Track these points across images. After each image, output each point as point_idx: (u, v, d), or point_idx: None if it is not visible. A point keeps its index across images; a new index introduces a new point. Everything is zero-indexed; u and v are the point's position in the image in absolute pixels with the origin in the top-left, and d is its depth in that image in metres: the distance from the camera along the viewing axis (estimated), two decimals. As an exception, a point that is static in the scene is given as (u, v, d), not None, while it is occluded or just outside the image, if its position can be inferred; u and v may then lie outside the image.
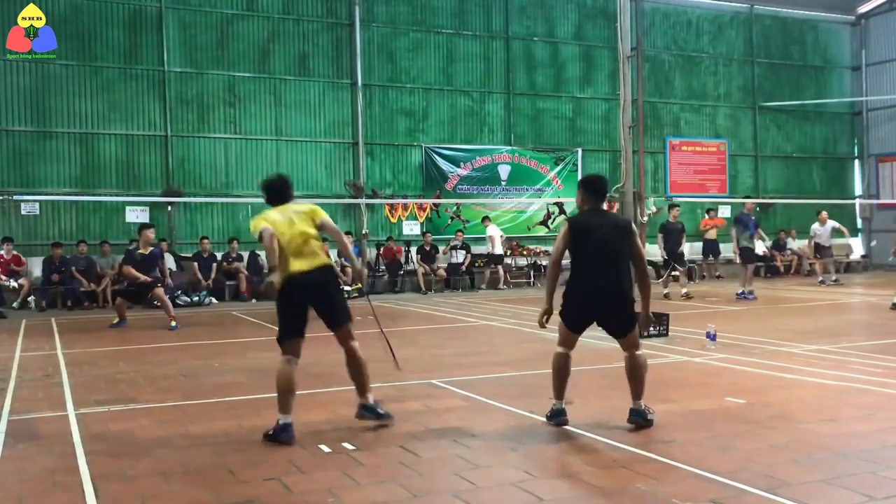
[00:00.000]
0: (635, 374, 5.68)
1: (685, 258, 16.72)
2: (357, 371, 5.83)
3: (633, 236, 5.73)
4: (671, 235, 16.05)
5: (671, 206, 17.21)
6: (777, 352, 8.71)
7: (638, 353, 5.69)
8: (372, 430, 5.62)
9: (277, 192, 5.89)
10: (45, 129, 16.95)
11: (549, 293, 5.72)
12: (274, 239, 5.46)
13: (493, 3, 20.87)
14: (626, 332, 5.66)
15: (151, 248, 12.70)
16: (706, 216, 21.50)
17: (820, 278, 18.97)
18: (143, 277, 12.44)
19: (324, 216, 5.82)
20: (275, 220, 5.62)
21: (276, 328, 5.81)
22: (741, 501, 4.11)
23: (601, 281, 5.55)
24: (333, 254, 18.25)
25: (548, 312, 5.75)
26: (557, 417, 5.66)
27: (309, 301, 5.74)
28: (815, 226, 18.83)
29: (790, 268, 22.33)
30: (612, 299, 5.58)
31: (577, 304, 5.65)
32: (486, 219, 19.78)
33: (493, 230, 19.50)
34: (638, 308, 5.74)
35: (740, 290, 15.39)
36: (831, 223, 18.92)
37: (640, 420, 5.54)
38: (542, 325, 5.75)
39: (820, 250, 18.78)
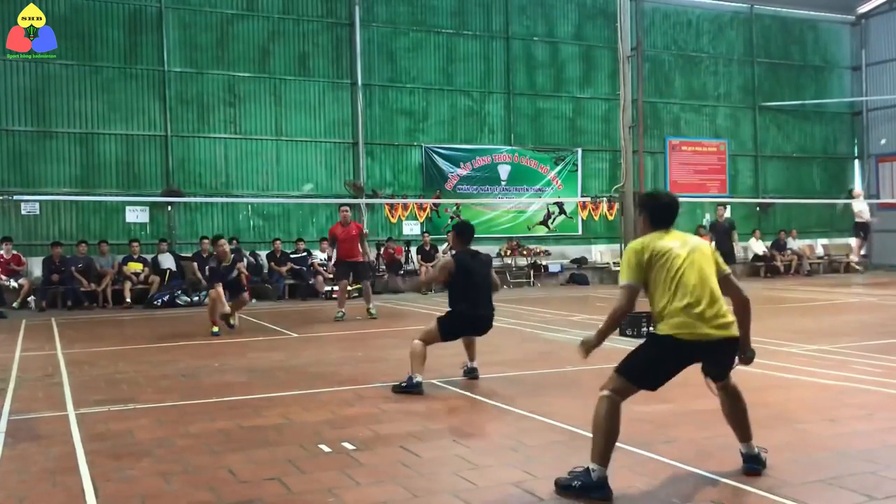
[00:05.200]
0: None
1: (735, 257, 16.76)
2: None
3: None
4: (720, 236, 16.14)
5: (718, 206, 17.27)
6: (777, 352, 8.70)
7: None
8: (372, 430, 5.62)
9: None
10: (45, 129, 16.95)
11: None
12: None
13: (493, 3, 20.87)
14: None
15: (232, 256, 11.78)
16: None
17: (856, 258, 18.86)
18: (223, 306, 11.23)
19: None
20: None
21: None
22: (741, 501, 4.11)
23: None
24: (333, 253, 18.28)
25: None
26: None
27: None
28: (857, 203, 18.85)
29: (790, 268, 22.32)
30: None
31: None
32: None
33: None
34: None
35: None
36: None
37: None
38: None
39: (864, 228, 18.73)
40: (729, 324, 4.29)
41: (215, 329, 11.15)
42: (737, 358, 4.47)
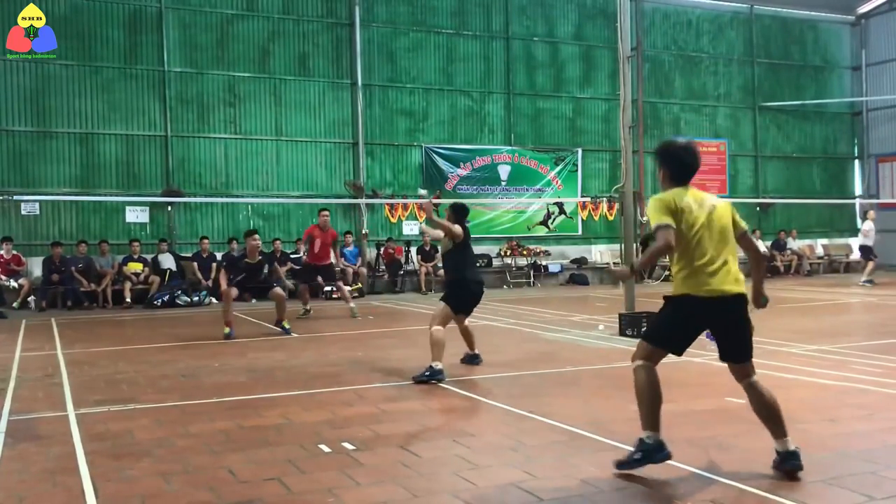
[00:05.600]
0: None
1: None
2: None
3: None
4: None
5: None
6: (777, 352, 8.70)
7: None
8: (372, 430, 5.62)
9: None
10: (45, 129, 16.95)
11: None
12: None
13: (493, 3, 20.87)
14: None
15: (260, 257, 11.43)
16: None
17: (865, 279, 18.87)
18: (223, 286, 11.05)
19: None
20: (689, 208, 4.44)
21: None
22: (741, 501, 4.11)
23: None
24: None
25: None
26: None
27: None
28: (869, 225, 18.69)
29: (790, 268, 22.33)
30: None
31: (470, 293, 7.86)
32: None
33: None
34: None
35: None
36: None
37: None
38: None
39: (868, 251, 18.69)
40: (739, 281, 4.45)
41: (227, 330, 10.75)
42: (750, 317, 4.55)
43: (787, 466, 4.39)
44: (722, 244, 4.46)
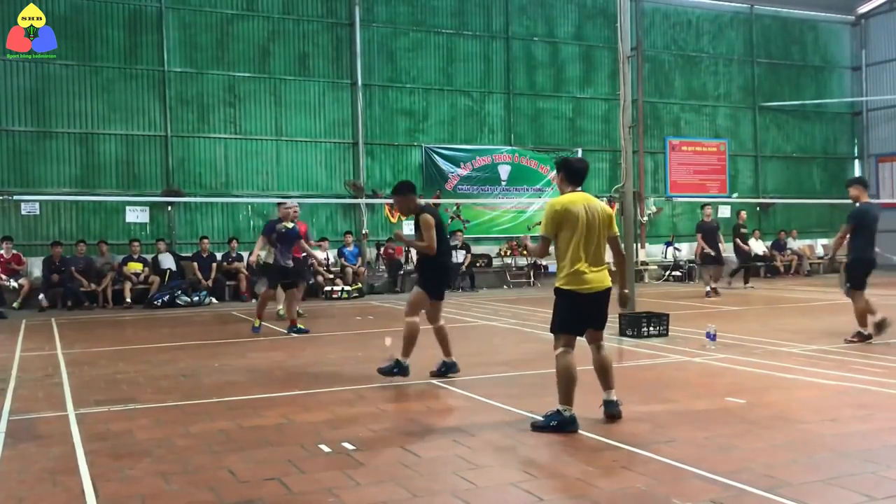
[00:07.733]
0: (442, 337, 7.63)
1: (722, 256, 16.97)
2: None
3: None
4: (706, 235, 16.34)
5: (703, 206, 17.53)
6: (777, 352, 8.71)
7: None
8: (372, 430, 5.62)
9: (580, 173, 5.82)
10: (45, 129, 16.94)
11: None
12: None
13: (493, 3, 20.86)
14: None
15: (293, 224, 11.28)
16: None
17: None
18: (256, 252, 11.16)
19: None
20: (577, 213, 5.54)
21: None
22: (741, 501, 4.11)
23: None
24: (333, 253, 18.28)
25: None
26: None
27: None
28: None
29: (790, 268, 22.32)
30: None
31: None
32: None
33: None
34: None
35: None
36: None
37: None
38: None
39: None
40: (606, 278, 5.62)
41: (302, 326, 10.86)
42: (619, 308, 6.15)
43: (609, 411, 5.67)
44: (594, 248, 5.52)
